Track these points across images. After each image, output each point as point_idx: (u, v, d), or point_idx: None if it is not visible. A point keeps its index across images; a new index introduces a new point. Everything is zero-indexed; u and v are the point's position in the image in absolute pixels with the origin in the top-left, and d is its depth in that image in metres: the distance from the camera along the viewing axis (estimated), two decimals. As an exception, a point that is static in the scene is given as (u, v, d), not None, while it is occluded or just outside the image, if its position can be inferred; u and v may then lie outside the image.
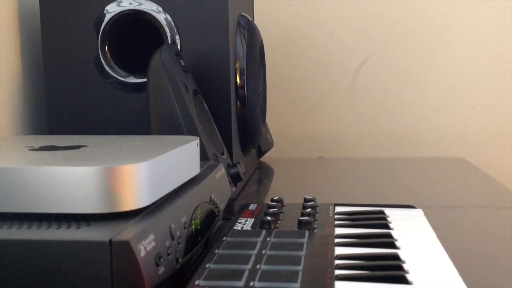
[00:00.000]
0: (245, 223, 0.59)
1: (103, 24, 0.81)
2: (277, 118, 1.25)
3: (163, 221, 0.44)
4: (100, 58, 0.82)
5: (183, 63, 0.75)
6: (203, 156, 0.68)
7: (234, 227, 0.57)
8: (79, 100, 0.82)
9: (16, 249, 0.38)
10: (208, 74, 0.80)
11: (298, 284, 0.42)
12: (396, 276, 0.45)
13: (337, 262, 0.48)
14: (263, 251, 0.49)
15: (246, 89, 0.84)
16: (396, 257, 0.49)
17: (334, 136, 1.29)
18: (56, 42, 0.82)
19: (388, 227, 0.58)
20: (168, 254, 0.43)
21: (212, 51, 0.80)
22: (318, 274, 0.44)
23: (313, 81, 1.28)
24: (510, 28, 1.24)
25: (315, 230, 0.56)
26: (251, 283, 0.42)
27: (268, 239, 0.52)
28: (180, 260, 0.45)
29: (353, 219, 0.61)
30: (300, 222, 0.57)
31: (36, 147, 0.52)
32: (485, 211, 0.77)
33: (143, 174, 0.43)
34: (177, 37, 0.80)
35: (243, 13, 0.90)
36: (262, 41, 0.93)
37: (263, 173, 1.05)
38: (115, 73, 0.82)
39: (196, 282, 0.43)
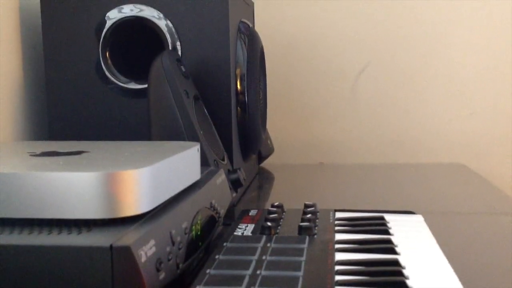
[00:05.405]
0: (246, 229, 0.59)
1: (104, 30, 0.81)
2: (277, 124, 1.25)
3: (164, 226, 0.44)
4: (101, 64, 0.82)
5: (183, 69, 0.76)
6: (204, 162, 0.68)
7: (235, 233, 0.57)
8: (80, 106, 0.83)
9: (17, 254, 0.38)
10: (209, 80, 0.80)
11: (298, 290, 0.42)
12: (396, 282, 0.45)
13: (337, 267, 0.48)
14: (264, 257, 0.49)
15: (247, 95, 0.84)
16: (396, 263, 0.49)
17: (335, 142, 1.29)
18: (57, 48, 0.83)
19: (388, 233, 0.58)
20: (169, 260, 0.43)
21: (213, 57, 0.80)
22: (318, 280, 0.44)
23: (314, 87, 1.28)
24: (509, 34, 1.25)
25: (315, 236, 0.56)
26: (252, 289, 0.42)
27: (269, 244, 0.52)
28: (180, 265, 0.45)
29: (353, 225, 0.61)
30: (300, 227, 0.57)
31: (37, 152, 0.52)
32: (485, 217, 0.77)
33: (144, 180, 0.43)
34: (178, 43, 0.80)
35: (243, 20, 0.91)
36: (262, 47, 0.94)
37: (264, 179, 1.05)
38: (116, 79, 0.82)
39: (197, 288, 0.43)
